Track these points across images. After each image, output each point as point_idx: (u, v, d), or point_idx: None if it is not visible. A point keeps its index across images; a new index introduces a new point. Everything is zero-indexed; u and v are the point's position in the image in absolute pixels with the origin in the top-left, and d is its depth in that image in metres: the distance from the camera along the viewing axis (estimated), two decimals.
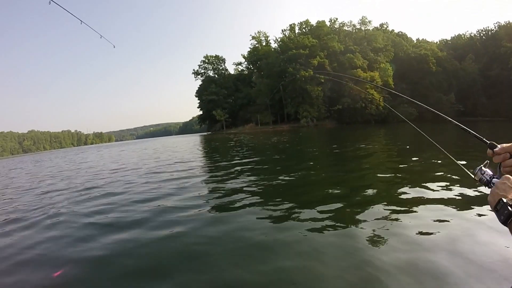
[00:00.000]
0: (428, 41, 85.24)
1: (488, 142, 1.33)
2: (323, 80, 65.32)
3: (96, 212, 6.21)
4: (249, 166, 11.10)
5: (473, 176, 1.38)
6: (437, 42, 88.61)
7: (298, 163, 11.77)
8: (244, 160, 13.15)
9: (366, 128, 45.38)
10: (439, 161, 8.72)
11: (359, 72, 65.71)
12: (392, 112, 65.72)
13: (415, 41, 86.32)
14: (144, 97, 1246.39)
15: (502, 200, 1.05)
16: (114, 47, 8.79)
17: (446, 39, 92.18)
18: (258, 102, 78.62)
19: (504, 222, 1.02)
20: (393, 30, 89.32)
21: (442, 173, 7.28)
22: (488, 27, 79.88)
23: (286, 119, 76.07)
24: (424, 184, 6.22)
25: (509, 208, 1.02)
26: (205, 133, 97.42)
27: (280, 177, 8.22)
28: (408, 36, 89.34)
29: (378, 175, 8.06)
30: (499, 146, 1.26)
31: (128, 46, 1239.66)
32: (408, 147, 14.59)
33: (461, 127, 1.54)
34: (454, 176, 6.68)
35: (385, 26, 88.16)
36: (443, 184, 6.19)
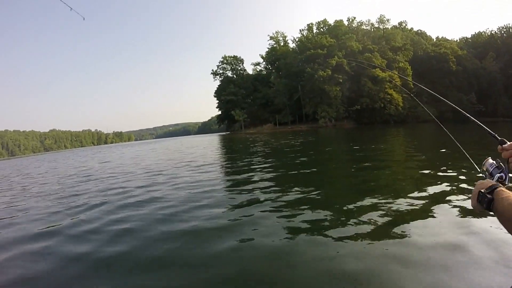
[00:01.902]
0: (448, 39, 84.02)
1: (499, 138, 1.46)
2: (341, 80, 65.62)
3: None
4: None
5: (478, 169, 1.56)
6: (457, 40, 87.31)
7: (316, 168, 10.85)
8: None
9: (385, 128, 45.18)
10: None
11: (378, 71, 65.58)
12: (411, 112, 65.66)
13: (434, 40, 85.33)
14: (163, 97, 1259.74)
15: (481, 191, 1.19)
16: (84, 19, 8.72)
17: (466, 37, 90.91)
18: (276, 102, 79.27)
19: (487, 207, 1.14)
20: (412, 28, 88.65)
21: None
22: (509, 24, 78.31)
23: (305, 119, 76.48)
24: None
25: (487, 195, 1.14)
26: (224, 133, 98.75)
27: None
28: (428, 35, 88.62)
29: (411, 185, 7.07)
30: (508, 143, 1.39)
31: (147, 46, 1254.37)
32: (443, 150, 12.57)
33: (477, 123, 1.73)
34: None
35: (404, 25, 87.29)
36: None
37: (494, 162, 1.38)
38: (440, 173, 7.84)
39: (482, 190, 1.18)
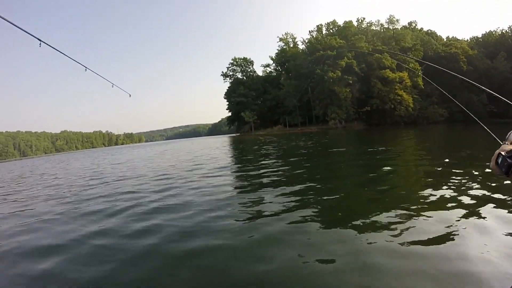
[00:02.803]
0: (459, 39, 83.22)
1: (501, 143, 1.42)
2: (351, 81, 65.73)
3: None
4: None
5: (500, 142, 1.45)
6: (467, 40, 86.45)
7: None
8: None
9: (396, 129, 45.05)
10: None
11: (388, 72, 65.65)
12: (422, 113, 65.48)
13: (445, 40, 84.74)
14: (173, 98, 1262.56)
15: (501, 154, 1.15)
16: (130, 96, 9.37)
17: (477, 37, 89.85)
18: (286, 104, 79.52)
19: (507, 172, 1.10)
20: (422, 28, 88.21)
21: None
22: None
23: (315, 120, 76.56)
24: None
25: (508, 159, 1.10)
26: (234, 135, 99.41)
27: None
28: (438, 34, 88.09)
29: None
30: None
31: (157, 47, 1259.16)
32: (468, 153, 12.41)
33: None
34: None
35: (414, 25, 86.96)
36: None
37: None
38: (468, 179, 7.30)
39: (503, 153, 1.16)
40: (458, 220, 4.60)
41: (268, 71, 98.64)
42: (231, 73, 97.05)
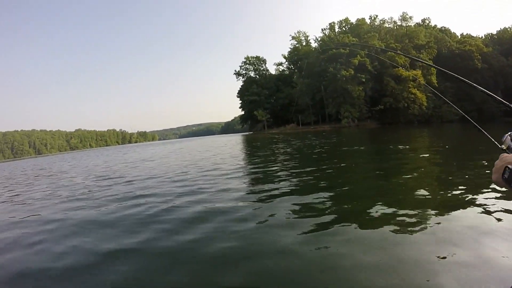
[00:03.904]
0: (473, 36, 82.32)
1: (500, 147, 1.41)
2: (364, 80, 65.69)
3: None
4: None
5: (499, 146, 1.43)
6: (482, 37, 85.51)
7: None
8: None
9: (410, 128, 44.56)
10: None
11: (401, 70, 65.37)
12: (435, 112, 65.21)
13: (459, 37, 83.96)
14: (186, 97, 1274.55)
15: (508, 167, 1.07)
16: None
17: (491, 33, 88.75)
18: (299, 102, 79.28)
19: None
20: (435, 25, 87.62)
21: None
22: None
23: (328, 119, 76.68)
24: None
25: None
26: (247, 133, 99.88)
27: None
28: (452, 31, 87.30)
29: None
30: None
31: (171, 45, 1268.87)
32: None
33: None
34: None
35: (427, 22, 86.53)
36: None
37: None
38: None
39: (510, 166, 1.08)
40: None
41: (280, 70, 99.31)
42: (244, 72, 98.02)
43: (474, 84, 1.74)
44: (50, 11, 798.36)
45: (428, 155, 13.07)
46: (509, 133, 1.37)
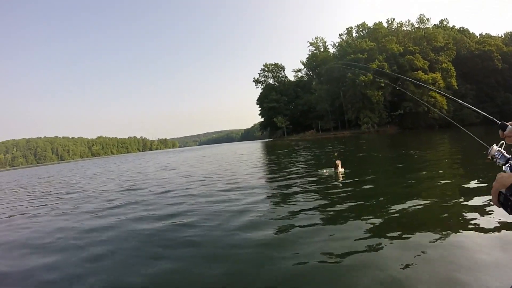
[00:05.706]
0: (492, 36, 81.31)
1: (499, 122, 1.43)
2: (383, 85, 65.71)
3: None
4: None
5: (488, 157, 1.38)
6: (501, 36, 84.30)
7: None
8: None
9: (431, 133, 43.45)
10: None
11: (420, 74, 65.18)
12: (456, 115, 64.56)
13: (478, 37, 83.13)
14: (206, 104, 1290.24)
15: (502, 192, 1.03)
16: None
17: (511, 32, 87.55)
18: (318, 109, 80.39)
19: None
20: (454, 26, 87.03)
21: None
22: None
23: (347, 125, 76.85)
24: None
25: (511, 198, 0.99)
26: (267, 140, 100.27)
27: None
28: (471, 32, 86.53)
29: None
30: (509, 125, 1.33)
31: (191, 53, 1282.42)
32: None
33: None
34: None
35: (445, 23, 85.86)
36: None
37: (500, 149, 1.35)
38: None
39: (503, 191, 1.03)
40: None
41: (299, 76, 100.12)
42: (262, 79, 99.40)
43: (460, 101, 1.97)
44: (76, 15, 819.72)
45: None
46: (492, 146, 1.38)
